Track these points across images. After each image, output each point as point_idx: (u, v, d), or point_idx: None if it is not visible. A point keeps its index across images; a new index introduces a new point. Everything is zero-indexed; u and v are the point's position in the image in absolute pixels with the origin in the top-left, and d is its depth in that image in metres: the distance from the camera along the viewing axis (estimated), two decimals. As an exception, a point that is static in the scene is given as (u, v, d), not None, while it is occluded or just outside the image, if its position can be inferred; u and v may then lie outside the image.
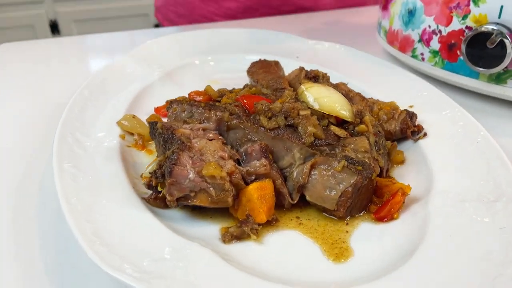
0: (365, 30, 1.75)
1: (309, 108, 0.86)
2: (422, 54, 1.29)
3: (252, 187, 0.78)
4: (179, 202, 0.76)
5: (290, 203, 0.82)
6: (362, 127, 0.86)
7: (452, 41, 1.19)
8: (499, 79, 1.15)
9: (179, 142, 0.79)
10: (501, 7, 1.07)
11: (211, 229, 0.78)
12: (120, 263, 0.63)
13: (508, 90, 1.14)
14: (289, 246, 0.76)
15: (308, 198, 0.81)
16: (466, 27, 1.15)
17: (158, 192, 0.81)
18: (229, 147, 0.84)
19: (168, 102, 0.95)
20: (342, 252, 0.73)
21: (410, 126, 0.97)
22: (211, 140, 0.83)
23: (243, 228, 0.75)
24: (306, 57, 1.36)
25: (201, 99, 0.95)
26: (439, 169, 0.86)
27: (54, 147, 0.85)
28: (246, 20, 1.83)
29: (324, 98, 0.87)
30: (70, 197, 0.73)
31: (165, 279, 0.62)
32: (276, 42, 1.44)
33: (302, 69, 1.10)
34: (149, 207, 0.79)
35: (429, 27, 1.24)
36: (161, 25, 2.09)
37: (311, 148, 0.82)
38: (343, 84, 1.08)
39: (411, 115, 0.99)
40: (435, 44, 1.24)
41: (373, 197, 0.83)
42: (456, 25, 1.17)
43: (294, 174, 0.82)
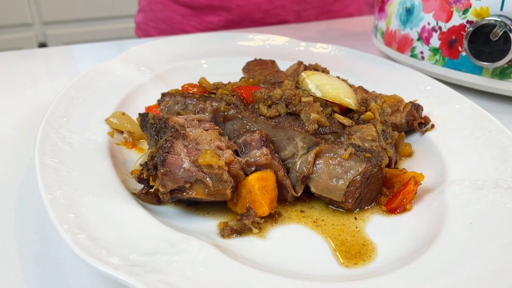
0: (359, 37, 1.72)
1: (311, 96, 0.81)
2: (422, 53, 1.25)
3: (253, 178, 0.72)
4: (173, 195, 0.70)
5: (294, 196, 0.75)
6: (368, 115, 0.81)
7: (453, 37, 1.16)
8: (503, 74, 1.11)
9: (173, 130, 0.73)
10: (503, -2, 1.04)
11: (209, 225, 0.71)
12: (107, 255, 0.55)
13: (513, 85, 1.10)
14: (294, 241, 0.69)
15: (313, 190, 0.75)
16: (467, 22, 1.12)
17: (150, 187, 0.74)
18: (226, 138, 0.78)
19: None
20: (358, 253, 0.66)
21: (417, 118, 0.91)
22: (207, 130, 0.77)
23: (244, 222, 0.69)
24: (302, 59, 1.31)
25: (195, 91, 0.89)
26: (452, 159, 0.81)
27: (37, 142, 0.78)
28: (234, 31, 1.79)
29: (327, 85, 0.82)
30: (53, 190, 0.66)
31: (159, 273, 0.55)
32: (271, 45, 1.40)
33: (301, 63, 1.05)
34: (141, 203, 0.72)
35: (428, 24, 1.21)
36: None
37: (315, 137, 0.76)
38: (343, 80, 1.03)
39: (417, 107, 0.94)
40: (435, 42, 1.20)
41: (383, 188, 0.77)
42: (457, 20, 1.14)
43: (297, 165, 0.76)
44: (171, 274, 0.55)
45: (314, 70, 0.98)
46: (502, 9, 1.05)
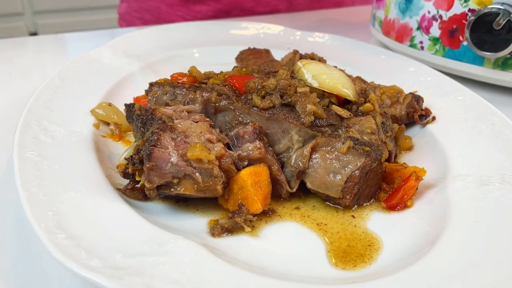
0: (356, 26, 1.68)
1: (308, 86, 0.77)
2: (421, 43, 1.21)
3: (245, 172, 0.67)
4: (160, 192, 0.65)
5: (289, 192, 0.71)
6: (368, 106, 0.76)
7: (454, 26, 1.12)
8: (506, 65, 1.07)
9: (160, 122, 0.69)
10: (508, -15, 1.00)
11: (198, 223, 0.67)
12: (87, 258, 0.51)
13: (515, 76, 1.06)
14: (289, 240, 0.65)
15: (309, 186, 0.71)
16: (469, 10, 1.08)
17: (136, 182, 0.70)
18: (218, 131, 0.74)
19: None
20: (358, 254, 0.63)
21: (418, 109, 0.88)
22: (197, 122, 0.73)
23: (235, 219, 0.65)
24: (298, 48, 1.26)
25: (185, 81, 0.84)
26: (454, 153, 0.77)
27: (16, 135, 0.73)
28: (225, 20, 1.73)
29: (324, 75, 0.77)
30: (31, 186, 0.62)
31: (143, 276, 0.51)
32: (265, 33, 1.35)
33: (296, 52, 1.01)
34: (126, 199, 0.68)
35: (429, 13, 1.17)
36: None
37: (311, 129, 0.72)
38: (341, 70, 0.99)
39: (418, 98, 0.90)
40: (435, 31, 1.16)
41: (383, 184, 0.73)
42: (458, 9, 1.10)
43: (293, 159, 0.72)
44: (156, 277, 0.51)
45: (311, 59, 0.94)
46: (506, -3, 1.01)
